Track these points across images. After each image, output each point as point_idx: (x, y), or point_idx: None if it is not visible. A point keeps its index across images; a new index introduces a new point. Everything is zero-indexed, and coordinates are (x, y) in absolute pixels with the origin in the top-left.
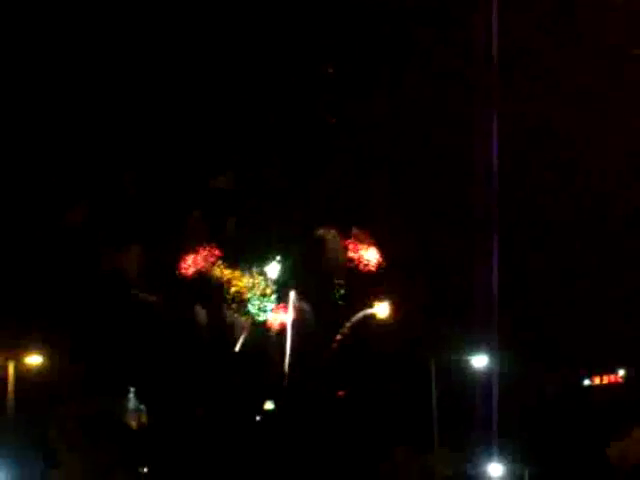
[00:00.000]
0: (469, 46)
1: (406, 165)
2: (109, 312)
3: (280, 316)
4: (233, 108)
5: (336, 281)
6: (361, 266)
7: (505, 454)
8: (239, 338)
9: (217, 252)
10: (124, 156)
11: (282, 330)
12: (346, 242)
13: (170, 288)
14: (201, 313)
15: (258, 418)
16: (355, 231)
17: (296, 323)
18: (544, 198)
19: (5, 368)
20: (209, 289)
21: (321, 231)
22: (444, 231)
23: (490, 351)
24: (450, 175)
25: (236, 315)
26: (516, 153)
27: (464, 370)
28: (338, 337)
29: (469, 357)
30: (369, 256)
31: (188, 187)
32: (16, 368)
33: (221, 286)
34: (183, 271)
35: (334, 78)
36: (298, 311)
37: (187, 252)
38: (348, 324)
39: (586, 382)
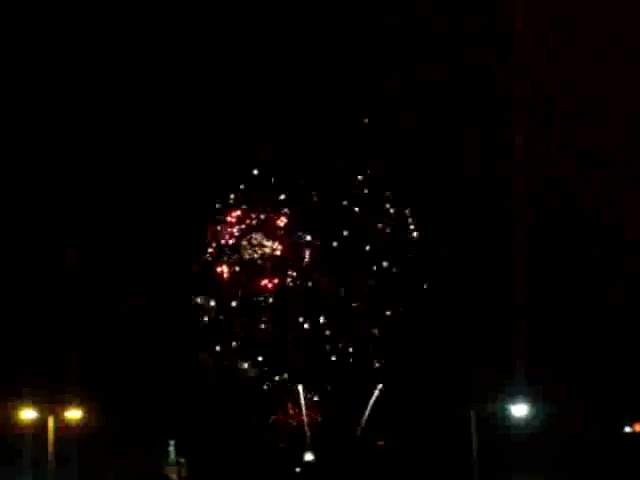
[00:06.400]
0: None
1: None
2: (139, 363)
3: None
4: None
5: None
6: None
7: None
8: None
9: None
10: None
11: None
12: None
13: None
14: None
15: (298, 470)
16: None
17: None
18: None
19: (45, 423)
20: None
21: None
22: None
23: (530, 400)
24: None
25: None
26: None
27: (505, 420)
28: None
29: (509, 407)
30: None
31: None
32: (55, 423)
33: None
34: None
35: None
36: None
37: None
38: None
39: (627, 429)
